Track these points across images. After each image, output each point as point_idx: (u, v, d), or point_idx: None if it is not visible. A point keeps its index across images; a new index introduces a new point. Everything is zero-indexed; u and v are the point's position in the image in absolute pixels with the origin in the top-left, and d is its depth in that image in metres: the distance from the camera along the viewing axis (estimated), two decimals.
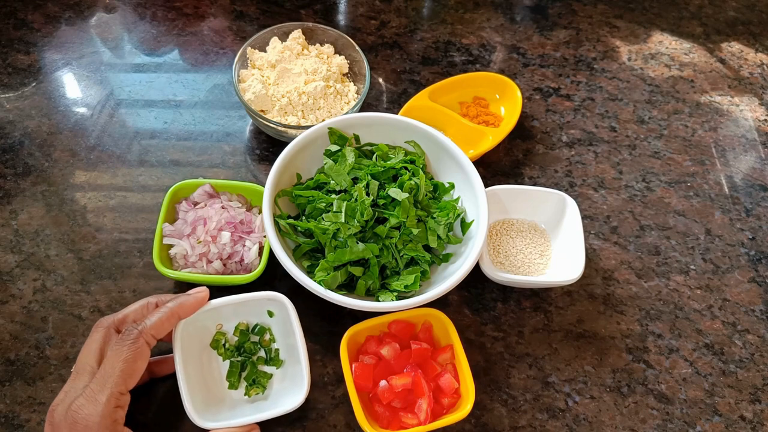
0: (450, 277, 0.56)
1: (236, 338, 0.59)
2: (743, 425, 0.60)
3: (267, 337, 0.59)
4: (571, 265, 0.63)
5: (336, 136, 0.64)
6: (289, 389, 0.56)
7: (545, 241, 0.68)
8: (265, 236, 0.63)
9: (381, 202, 0.60)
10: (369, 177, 0.61)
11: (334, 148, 0.64)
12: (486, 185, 0.61)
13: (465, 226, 0.62)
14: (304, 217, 0.62)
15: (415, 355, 0.57)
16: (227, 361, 0.58)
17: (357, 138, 0.66)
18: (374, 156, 0.64)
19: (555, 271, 0.65)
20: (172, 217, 0.65)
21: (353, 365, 0.56)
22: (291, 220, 0.60)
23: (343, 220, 0.58)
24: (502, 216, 0.69)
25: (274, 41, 0.76)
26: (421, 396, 0.55)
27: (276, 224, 0.59)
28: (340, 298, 0.55)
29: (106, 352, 0.50)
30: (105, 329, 0.52)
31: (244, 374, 0.58)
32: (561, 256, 0.66)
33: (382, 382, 0.55)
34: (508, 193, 0.68)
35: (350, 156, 0.62)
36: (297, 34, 0.76)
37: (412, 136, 0.65)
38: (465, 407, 0.54)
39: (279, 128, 0.69)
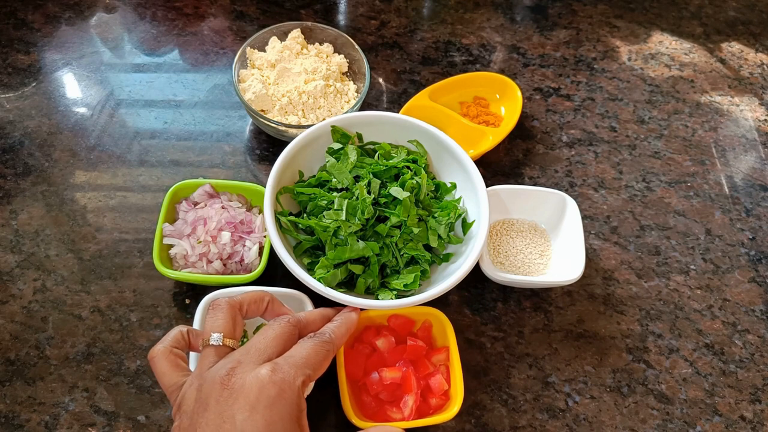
0: (450, 277, 0.56)
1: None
2: (743, 425, 0.60)
3: None
4: (571, 265, 0.63)
5: (339, 134, 0.64)
6: None
7: (545, 241, 0.68)
8: (265, 236, 0.63)
9: (382, 200, 0.60)
10: (371, 175, 0.61)
11: (337, 146, 0.64)
12: (486, 185, 0.61)
13: (466, 226, 0.62)
14: (305, 215, 0.62)
15: (409, 351, 0.57)
16: None
17: (360, 136, 0.66)
18: (376, 155, 0.64)
19: (555, 271, 0.65)
20: (172, 217, 0.65)
21: (346, 352, 0.56)
22: (292, 217, 0.60)
23: (344, 218, 0.58)
24: (503, 216, 0.69)
25: (273, 41, 0.76)
26: (409, 392, 0.55)
27: (277, 221, 0.59)
28: (339, 295, 0.55)
29: (289, 346, 0.46)
30: (293, 327, 0.48)
31: None
32: (561, 256, 0.66)
33: (374, 374, 0.55)
34: (509, 193, 0.68)
35: (352, 154, 0.62)
36: (296, 34, 0.76)
37: (414, 136, 0.65)
38: (452, 409, 0.54)
39: (279, 128, 0.69)
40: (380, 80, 0.81)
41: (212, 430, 0.40)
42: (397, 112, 0.71)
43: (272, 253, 0.62)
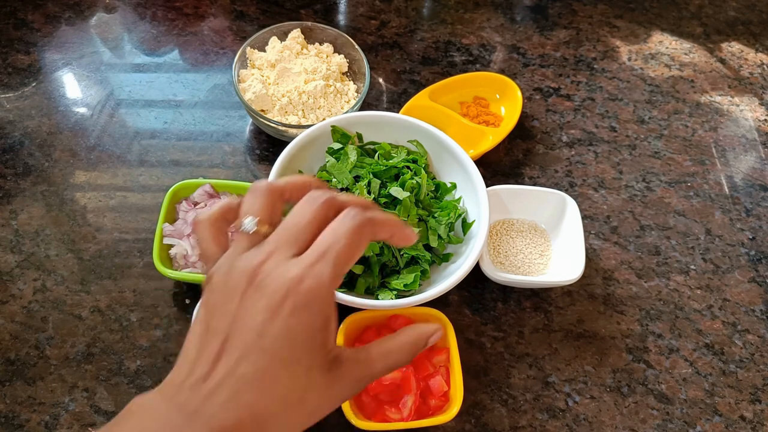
0: (450, 277, 0.56)
1: None
2: (743, 425, 0.60)
3: None
4: (571, 265, 0.63)
5: (339, 134, 0.64)
6: None
7: (545, 241, 0.68)
8: None
9: (382, 200, 0.60)
10: (371, 175, 0.61)
11: (337, 146, 0.64)
12: (486, 185, 0.61)
13: (466, 226, 0.62)
14: None
15: None
16: None
17: (360, 136, 0.66)
18: (376, 155, 0.64)
19: (555, 271, 0.65)
20: (172, 217, 0.65)
21: None
22: None
23: None
24: (503, 216, 0.69)
25: (274, 41, 0.76)
26: (408, 393, 0.55)
27: None
28: (339, 295, 0.55)
29: (324, 227, 0.41)
30: (329, 209, 0.42)
31: None
32: (561, 256, 0.66)
33: None
34: (509, 193, 0.68)
35: (352, 154, 0.62)
36: (296, 34, 0.76)
37: (414, 136, 0.65)
38: (451, 411, 0.54)
39: (279, 128, 0.69)
40: (380, 80, 0.81)
41: (229, 321, 0.39)
42: (397, 112, 0.71)
43: None
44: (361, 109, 0.75)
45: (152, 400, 0.37)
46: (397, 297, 0.57)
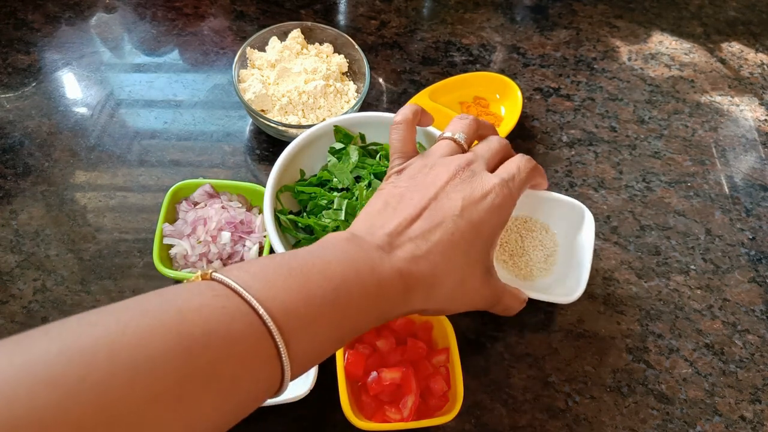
0: None
1: None
2: (743, 425, 0.60)
3: None
4: (573, 282, 0.60)
5: (341, 134, 0.64)
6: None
7: (553, 245, 0.66)
8: (265, 236, 0.64)
9: None
10: (372, 176, 0.61)
11: (339, 146, 0.64)
12: None
13: None
14: (305, 213, 0.62)
15: (410, 351, 0.57)
16: None
17: (362, 137, 0.66)
18: (378, 155, 0.64)
19: (556, 280, 0.63)
20: (172, 217, 0.65)
21: (347, 352, 0.56)
22: (292, 216, 0.60)
23: (342, 218, 0.58)
24: (516, 212, 0.65)
25: (273, 41, 0.76)
26: (409, 393, 0.55)
27: (277, 219, 0.59)
28: None
29: (502, 161, 0.51)
30: (508, 147, 0.53)
31: None
32: (566, 266, 0.63)
33: (373, 374, 0.55)
34: (527, 194, 0.63)
35: (354, 154, 0.62)
36: (296, 34, 0.76)
37: (416, 137, 0.65)
38: (452, 411, 0.54)
39: (280, 128, 0.69)
40: (380, 80, 0.81)
41: (429, 197, 0.45)
42: None
43: (272, 251, 0.62)
44: (362, 109, 0.75)
45: (346, 237, 0.42)
46: None
